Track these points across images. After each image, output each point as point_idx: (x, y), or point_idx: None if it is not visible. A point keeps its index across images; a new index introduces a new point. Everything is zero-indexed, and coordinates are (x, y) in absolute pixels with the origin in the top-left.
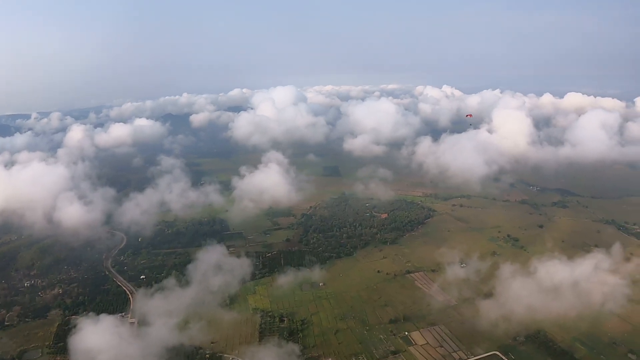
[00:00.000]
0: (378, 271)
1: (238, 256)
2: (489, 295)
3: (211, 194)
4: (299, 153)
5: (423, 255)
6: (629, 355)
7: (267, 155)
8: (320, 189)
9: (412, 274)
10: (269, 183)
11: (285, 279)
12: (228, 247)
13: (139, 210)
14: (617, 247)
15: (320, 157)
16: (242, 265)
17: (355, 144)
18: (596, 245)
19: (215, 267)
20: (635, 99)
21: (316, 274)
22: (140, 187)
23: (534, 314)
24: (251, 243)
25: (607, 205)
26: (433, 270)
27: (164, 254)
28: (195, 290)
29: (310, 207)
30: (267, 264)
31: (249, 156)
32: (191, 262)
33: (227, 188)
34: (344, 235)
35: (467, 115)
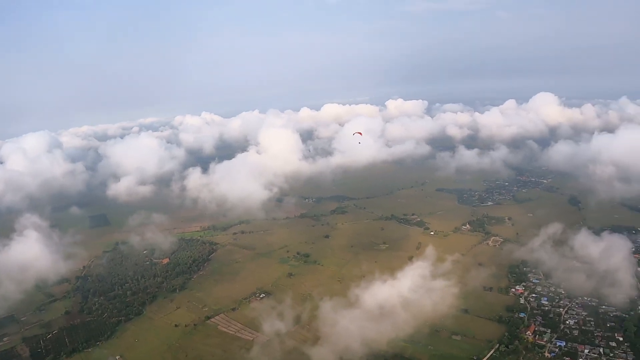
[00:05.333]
0: (175, 325)
1: (13, 348)
2: (299, 319)
3: None
4: (59, 207)
5: (218, 295)
6: (453, 337)
7: (21, 220)
8: (90, 243)
9: (212, 319)
10: (29, 255)
11: None
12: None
13: None
14: (405, 240)
15: (84, 207)
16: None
17: (120, 187)
18: (384, 242)
19: None
20: (385, 102)
21: (109, 346)
22: None
23: (351, 327)
24: (27, 326)
25: (382, 202)
26: (233, 309)
27: None
28: None
29: (84, 266)
30: (51, 349)
31: (3, 219)
32: None
33: None
34: (128, 292)
35: (354, 133)
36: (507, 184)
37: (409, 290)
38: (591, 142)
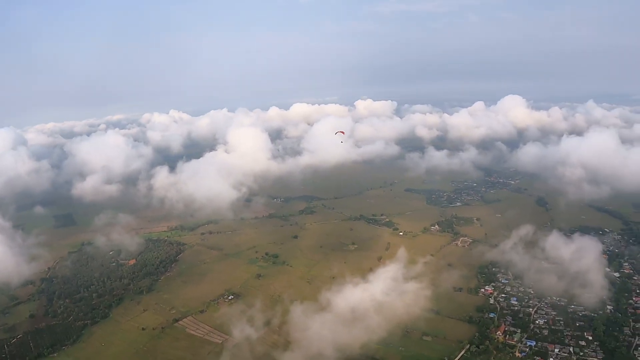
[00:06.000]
0: (143, 328)
1: None
2: (268, 322)
3: None
4: (23, 206)
5: (186, 297)
6: (424, 337)
7: None
8: (55, 244)
9: (180, 322)
10: None
11: None
12: None
13: None
14: (374, 240)
15: (49, 206)
16: None
17: (86, 186)
18: (353, 243)
19: None
20: (355, 102)
21: (74, 351)
22: None
23: (319, 328)
24: None
25: (351, 202)
26: (201, 311)
27: None
28: None
29: (49, 268)
30: (16, 354)
31: None
32: None
33: None
34: (94, 294)
35: (336, 133)
36: (475, 184)
37: (379, 291)
38: (560, 144)
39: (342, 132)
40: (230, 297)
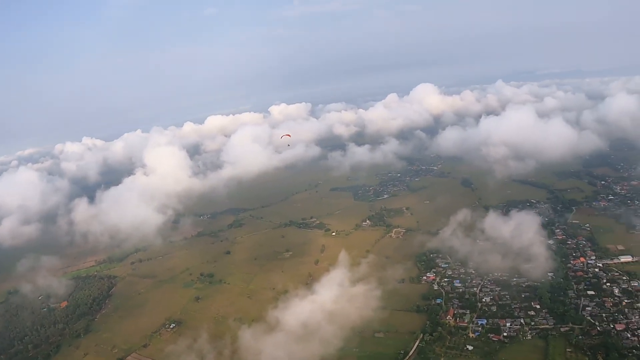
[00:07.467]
0: None
1: None
2: (215, 344)
3: None
4: None
5: (126, 333)
6: (376, 335)
7: None
8: None
9: None
10: None
11: None
12: None
13: None
14: (307, 244)
15: None
16: None
17: (3, 230)
18: (287, 250)
19: None
20: (269, 109)
21: None
22: None
23: (274, 348)
24: None
25: (279, 209)
26: (145, 346)
27: None
28: None
29: None
30: None
31: None
32: None
33: None
34: (29, 346)
35: (282, 136)
36: (399, 175)
37: (320, 295)
38: (478, 125)
39: (289, 135)
40: (172, 326)
